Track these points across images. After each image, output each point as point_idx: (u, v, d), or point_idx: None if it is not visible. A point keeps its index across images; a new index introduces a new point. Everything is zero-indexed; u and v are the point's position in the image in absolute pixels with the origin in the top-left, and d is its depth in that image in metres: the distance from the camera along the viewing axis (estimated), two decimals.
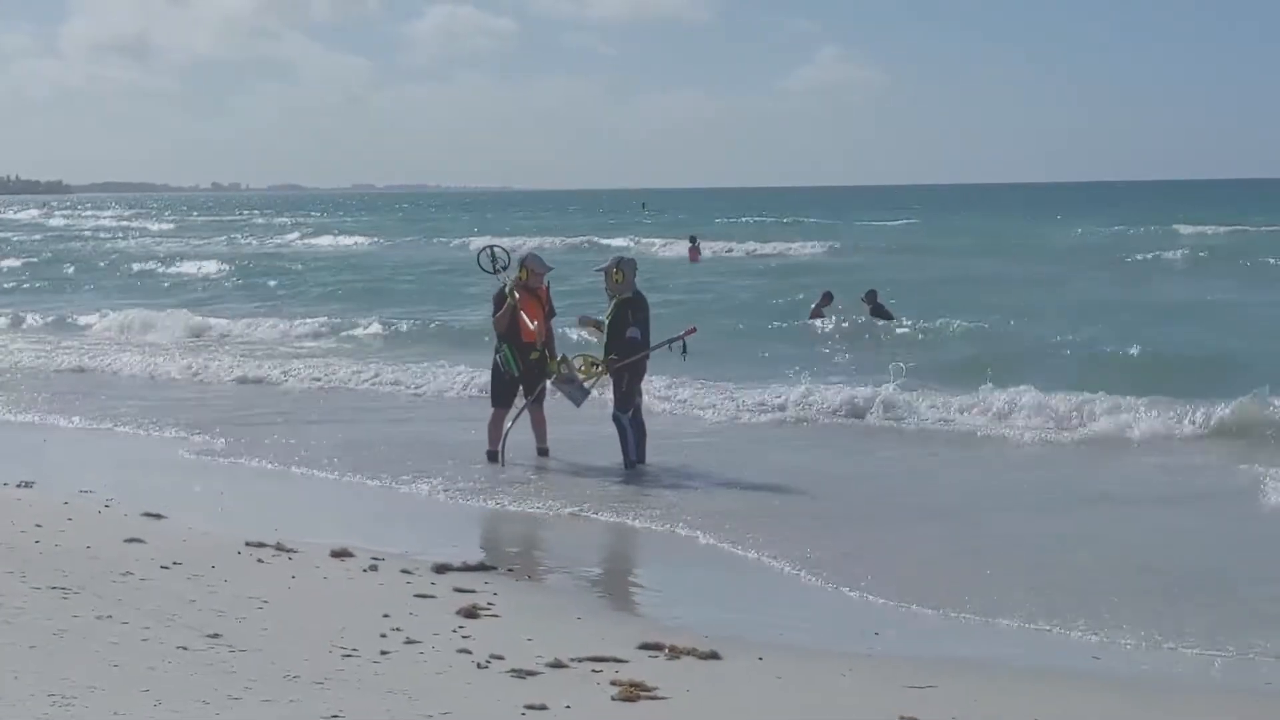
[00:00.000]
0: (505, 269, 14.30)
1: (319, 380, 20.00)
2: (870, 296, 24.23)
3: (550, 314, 13.94)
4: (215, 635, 7.11)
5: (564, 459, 13.73)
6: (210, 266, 46.52)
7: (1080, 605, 8.39)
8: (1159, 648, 7.66)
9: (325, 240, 68.71)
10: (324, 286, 38.75)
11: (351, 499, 12.37)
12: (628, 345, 13.30)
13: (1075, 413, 14.90)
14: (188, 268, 47.03)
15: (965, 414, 15.39)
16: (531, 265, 13.91)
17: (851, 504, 11.65)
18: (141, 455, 14.60)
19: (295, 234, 75.53)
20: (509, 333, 13.69)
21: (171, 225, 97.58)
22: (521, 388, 13.75)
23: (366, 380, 19.83)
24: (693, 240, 47.53)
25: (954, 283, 33.04)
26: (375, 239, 67.74)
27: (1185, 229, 58.08)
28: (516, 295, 13.65)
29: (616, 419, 13.44)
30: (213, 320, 28.40)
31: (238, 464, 13.81)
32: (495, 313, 13.84)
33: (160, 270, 47.01)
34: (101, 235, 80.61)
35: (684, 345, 13.83)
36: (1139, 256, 42.08)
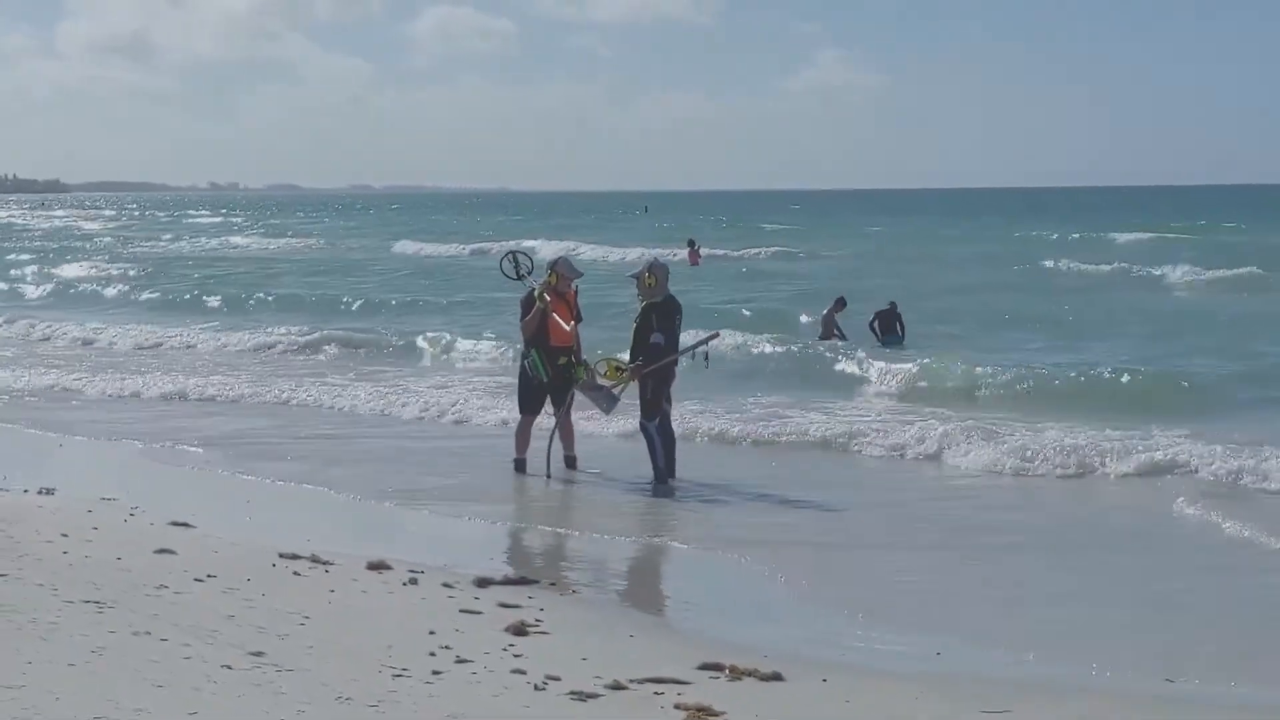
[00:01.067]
0: (529, 274, 14.03)
1: None
2: (892, 307, 23.94)
3: (577, 319, 13.65)
4: (259, 653, 6.85)
5: (591, 469, 13.47)
6: (72, 270, 46.59)
7: (1144, 633, 8.18)
8: (1234, 674, 7.40)
9: (251, 240, 68.90)
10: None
11: (373, 513, 12.08)
12: (652, 350, 13.03)
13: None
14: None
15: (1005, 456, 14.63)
16: (561, 269, 13.64)
17: (887, 529, 11.19)
18: (150, 463, 14.35)
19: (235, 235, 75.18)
20: (537, 337, 13.40)
21: (113, 225, 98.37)
22: (550, 397, 13.46)
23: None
24: (691, 244, 47.50)
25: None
26: (306, 241, 67.99)
27: (1124, 237, 58.56)
28: (548, 299, 13.36)
29: (643, 427, 13.15)
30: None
31: (254, 475, 13.53)
32: (523, 317, 13.55)
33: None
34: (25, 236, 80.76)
35: (707, 352, 13.58)
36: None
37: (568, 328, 13.33)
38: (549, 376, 13.34)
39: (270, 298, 34.90)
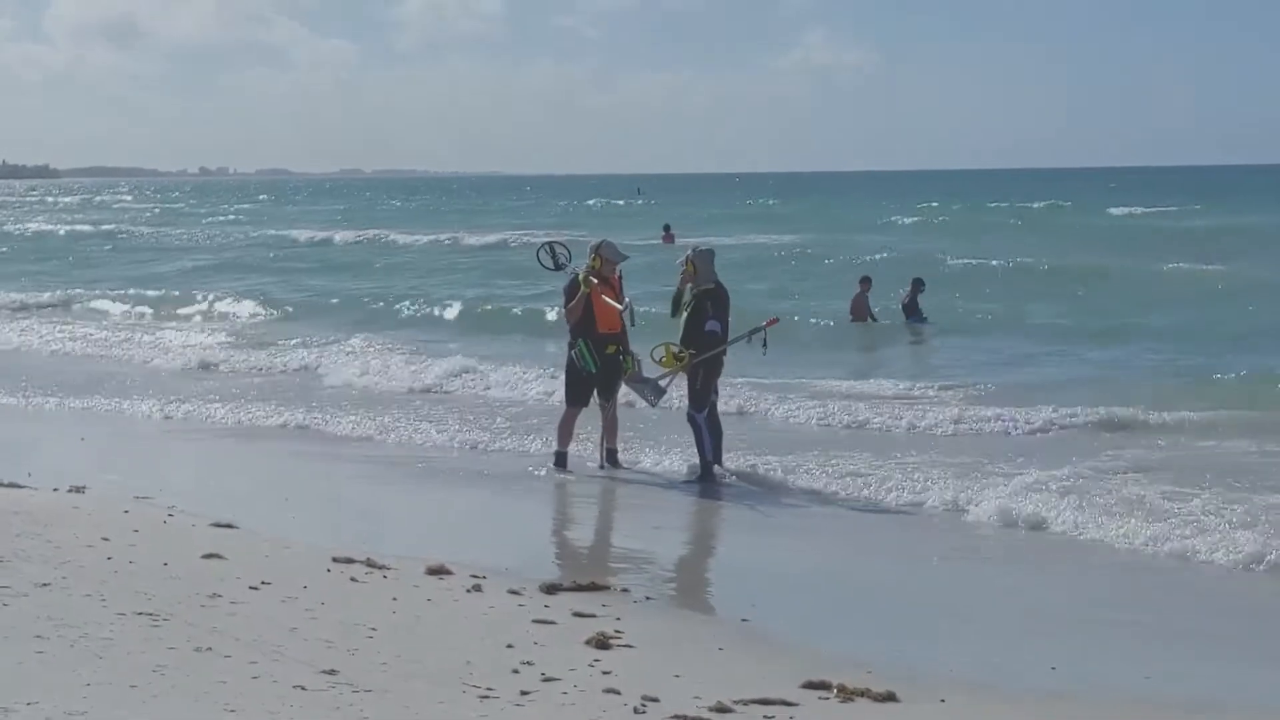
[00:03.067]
0: (568, 263, 13.51)
1: None
2: (916, 285, 23.50)
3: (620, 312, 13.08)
4: (331, 671, 6.36)
5: (633, 461, 12.97)
6: None
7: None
8: None
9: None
10: None
11: (413, 510, 11.64)
12: (707, 339, 12.53)
13: None
14: None
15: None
16: (605, 253, 13.07)
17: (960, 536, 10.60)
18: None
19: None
20: (583, 325, 12.86)
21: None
22: (597, 389, 12.92)
23: None
24: (666, 228, 47.68)
25: None
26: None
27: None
28: (594, 281, 12.81)
29: (691, 418, 12.65)
30: None
31: (287, 468, 13.09)
32: (567, 304, 13.01)
33: None
34: None
35: (765, 338, 13.09)
36: None
37: (620, 306, 12.79)
38: (598, 367, 12.80)
39: None
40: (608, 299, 12.76)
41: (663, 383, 12.94)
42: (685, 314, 12.66)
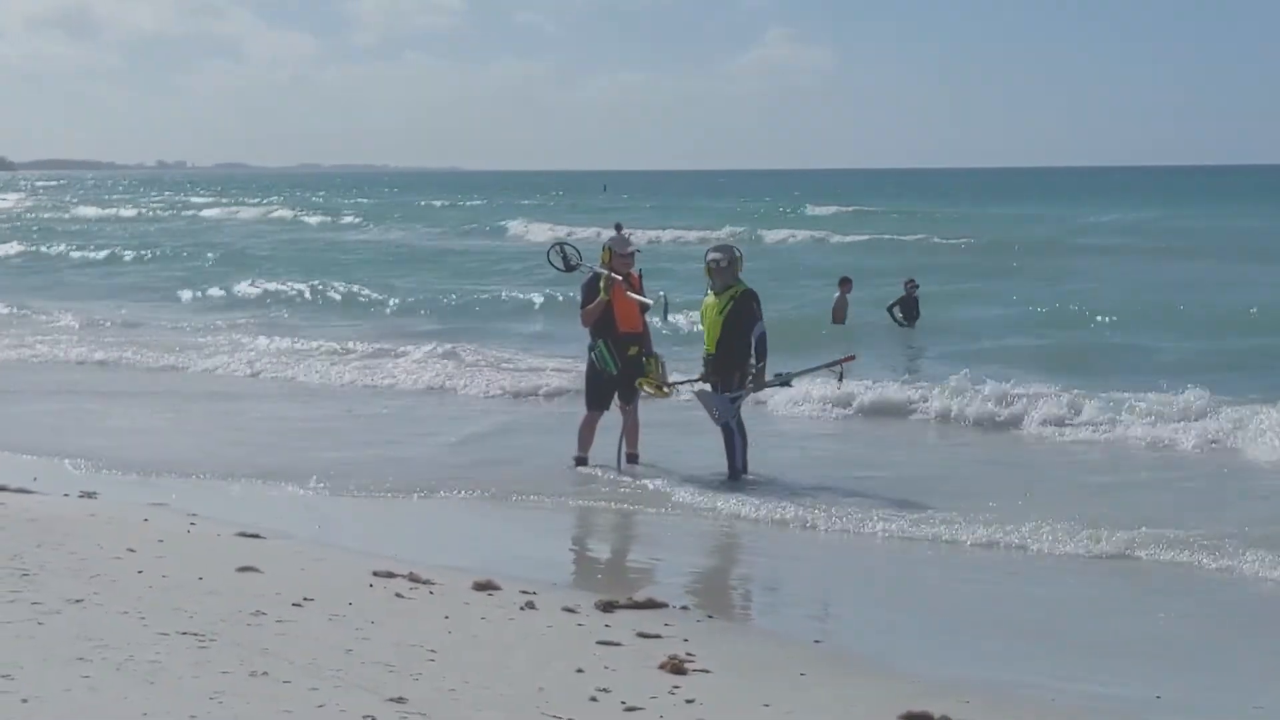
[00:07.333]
0: (578, 266, 13.11)
1: None
2: (909, 286, 23.17)
3: (643, 308, 12.69)
4: (399, 699, 5.92)
5: (653, 464, 12.55)
6: None
7: None
8: None
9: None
10: None
11: (435, 516, 11.22)
12: (759, 344, 12.12)
13: None
14: None
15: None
16: (615, 247, 12.69)
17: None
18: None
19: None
20: (602, 326, 12.45)
21: None
22: (618, 392, 12.50)
23: None
24: (619, 227, 47.14)
25: None
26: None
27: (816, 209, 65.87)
28: (618, 277, 12.39)
29: (725, 423, 12.24)
30: None
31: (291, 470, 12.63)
32: (585, 304, 12.59)
33: None
34: None
35: (841, 372, 12.88)
36: None
37: (650, 302, 12.40)
38: (619, 369, 12.39)
39: None
40: (631, 295, 12.38)
41: (735, 402, 12.35)
42: (722, 317, 12.18)
